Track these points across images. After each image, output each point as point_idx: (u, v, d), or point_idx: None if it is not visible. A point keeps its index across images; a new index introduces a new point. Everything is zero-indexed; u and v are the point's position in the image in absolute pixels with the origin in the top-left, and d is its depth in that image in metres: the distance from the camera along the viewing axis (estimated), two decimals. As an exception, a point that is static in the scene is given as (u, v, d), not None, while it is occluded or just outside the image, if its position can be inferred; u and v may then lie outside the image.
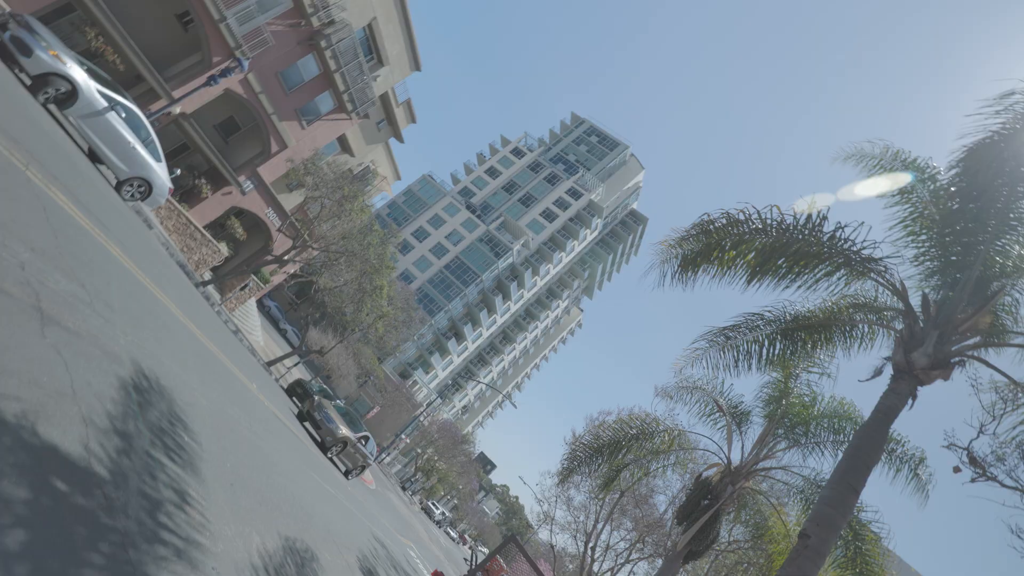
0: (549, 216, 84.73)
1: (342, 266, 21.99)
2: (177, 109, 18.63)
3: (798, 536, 6.09)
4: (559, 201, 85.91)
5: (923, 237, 8.37)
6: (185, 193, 21.65)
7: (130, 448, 3.88)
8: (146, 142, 12.26)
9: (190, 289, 15.50)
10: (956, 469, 5.34)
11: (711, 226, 7.69)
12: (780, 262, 7.80)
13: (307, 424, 18.33)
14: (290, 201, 27.02)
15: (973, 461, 5.43)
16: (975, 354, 7.13)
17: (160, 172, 12.65)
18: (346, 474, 19.04)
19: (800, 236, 7.45)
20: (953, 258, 7.71)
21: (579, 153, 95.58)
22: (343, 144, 27.95)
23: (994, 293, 7.33)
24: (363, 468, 19.81)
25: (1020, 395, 7.20)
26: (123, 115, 11.48)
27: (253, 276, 26.74)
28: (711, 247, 7.75)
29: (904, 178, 8.60)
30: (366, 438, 19.62)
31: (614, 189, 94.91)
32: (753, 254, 7.59)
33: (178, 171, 16.58)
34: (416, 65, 27.12)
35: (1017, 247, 7.33)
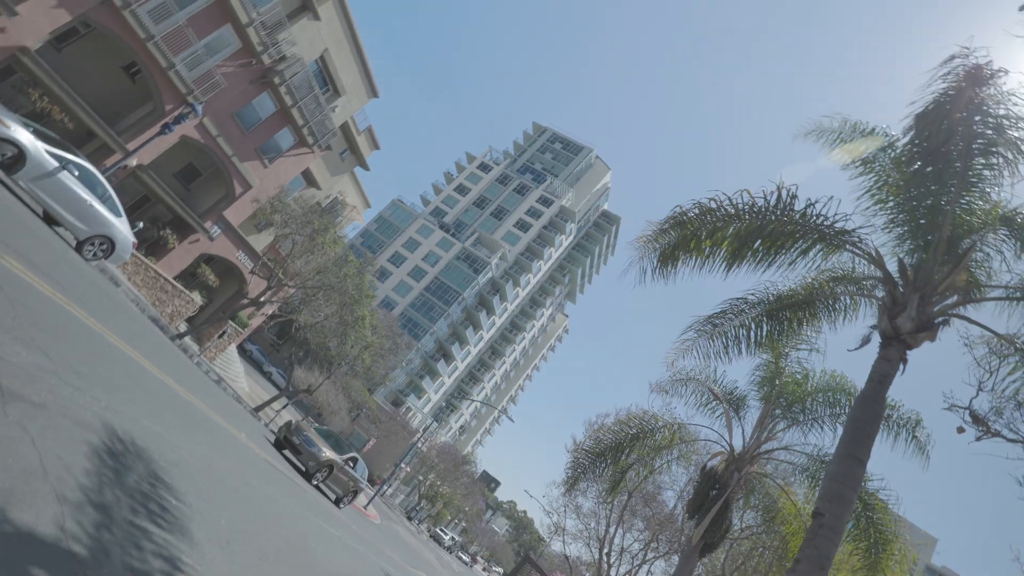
0: (523, 226, 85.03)
1: (320, 301, 21.63)
2: (133, 162, 18.24)
3: (812, 516, 6.04)
4: (531, 210, 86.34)
5: (890, 204, 8.52)
6: (151, 246, 21.14)
7: (110, 520, 3.64)
8: (103, 198, 11.91)
9: (166, 343, 15.04)
10: (960, 429, 5.36)
11: (684, 217, 7.71)
12: (757, 245, 7.85)
13: (286, 452, 16.62)
14: (260, 241, 26.60)
15: (976, 419, 5.46)
16: (957, 312, 7.23)
17: (122, 227, 12.30)
18: (337, 502, 17.78)
19: (773, 217, 7.51)
20: (922, 221, 7.84)
21: (545, 161, 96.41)
22: (308, 178, 27.68)
23: (965, 250, 7.46)
24: (355, 493, 18.59)
25: (1006, 347, 7.32)
26: (76, 173, 11.14)
27: (230, 322, 26.15)
28: (687, 238, 7.76)
29: (865, 148, 8.78)
30: (354, 460, 17.95)
31: (583, 193, 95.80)
32: (729, 240, 7.63)
33: (140, 224, 16.17)
34: (373, 92, 27.09)
35: (980, 202, 7.49)
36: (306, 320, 24.87)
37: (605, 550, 19.89)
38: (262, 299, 20.57)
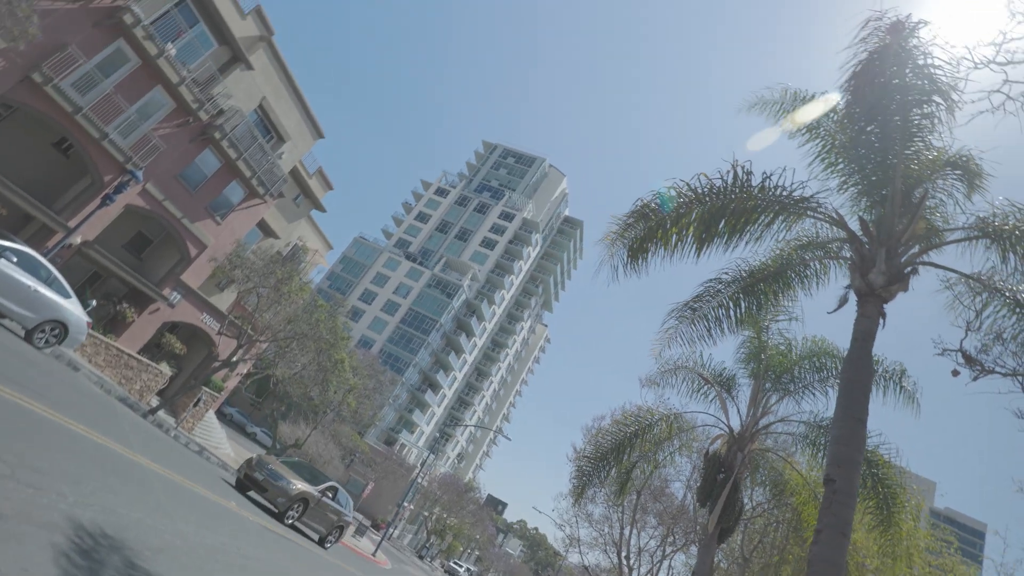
0: (489, 244, 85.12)
1: (295, 351, 21.04)
2: (77, 239, 17.51)
3: (823, 483, 5.99)
4: (494, 227, 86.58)
5: (840, 166, 8.73)
6: (109, 322, 20.26)
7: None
8: (49, 282, 11.34)
9: (138, 422, 14.32)
10: (955, 372, 5.42)
11: (647, 209, 7.71)
12: (721, 226, 7.90)
13: (252, 493, 14.67)
14: (224, 300, 25.82)
15: (968, 359, 5.53)
16: (923, 260, 7.39)
17: (73, 309, 11.71)
18: (321, 542, 15.95)
19: (733, 195, 7.57)
20: (873, 178, 8.03)
21: (500, 177, 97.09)
22: (264, 228, 27.10)
23: (920, 199, 7.66)
24: (341, 529, 16.65)
25: (974, 284, 7.51)
26: (15, 260, 10.58)
27: (205, 388, 25.17)
28: (653, 229, 7.76)
29: (808, 115, 9.00)
30: (333, 489, 15.84)
31: (543, 202, 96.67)
32: (695, 225, 7.65)
33: (93, 302, 15.50)
34: (318, 133, 26.81)
35: (925, 151, 7.72)
36: (283, 373, 24.14)
37: (623, 553, 19.61)
38: (234, 359, 19.86)
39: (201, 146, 21.20)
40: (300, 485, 14.24)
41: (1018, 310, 7.04)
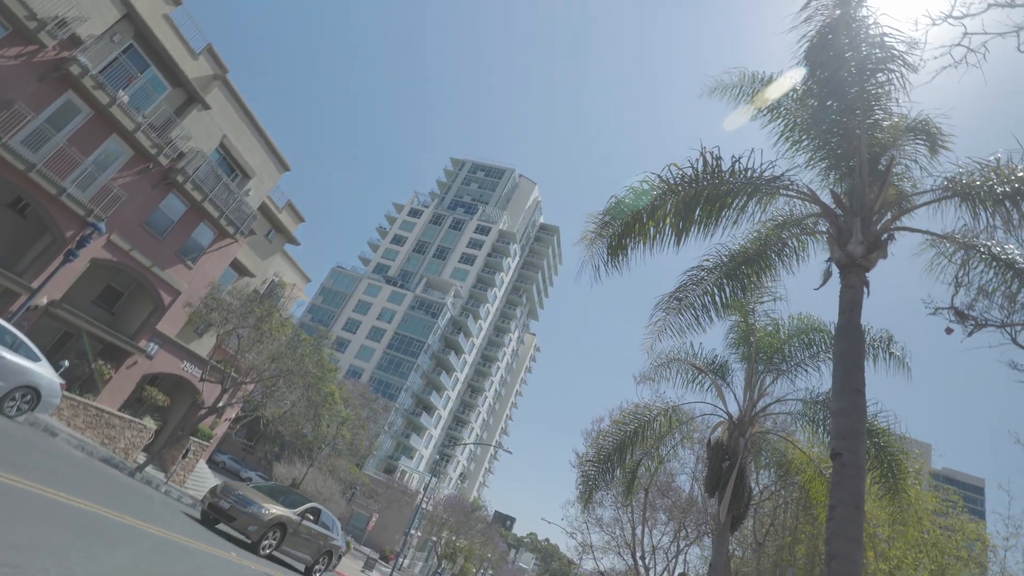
0: (468, 260, 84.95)
1: (283, 389, 20.53)
2: (43, 300, 16.92)
3: (831, 458, 5.95)
4: (472, 242, 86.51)
5: (805, 142, 8.84)
6: (85, 382, 19.56)
7: None
8: (15, 346, 10.87)
9: (124, 482, 13.76)
10: (948, 331, 5.43)
11: (622, 206, 7.69)
12: (697, 213, 7.91)
13: (221, 525, 13.24)
14: (204, 345, 25.19)
15: (960, 315, 5.55)
16: (898, 225, 7.47)
17: (44, 372, 11.23)
18: (308, 572, 14.52)
19: (705, 182, 7.59)
20: (839, 151, 8.14)
21: (472, 192, 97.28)
22: (239, 268, 26.60)
23: (886, 166, 7.77)
24: (329, 555, 15.07)
25: (949, 244, 7.61)
26: (-24, 328, 10.12)
27: (192, 438, 24.44)
28: (631, 224, 7.74)
29: (768, 95, 9.10)
30: (315, 511, 14.35)
31: (517, 212, 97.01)
32: (671, 215, 7.65)
33: (65, 363, 14.93)
34: (283, 166, 26.49)
35: (885, 119, 7.85)
36: (273, 412, 23.55)
37: (639, 555, 19.41)
38: (220, 404, 19.29)
39: (164, 191, 20.76)
40: (274, 509, 12.75)
41: (995, 264, 7.15)
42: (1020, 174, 6.11)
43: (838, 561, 5.20)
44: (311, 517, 14.13)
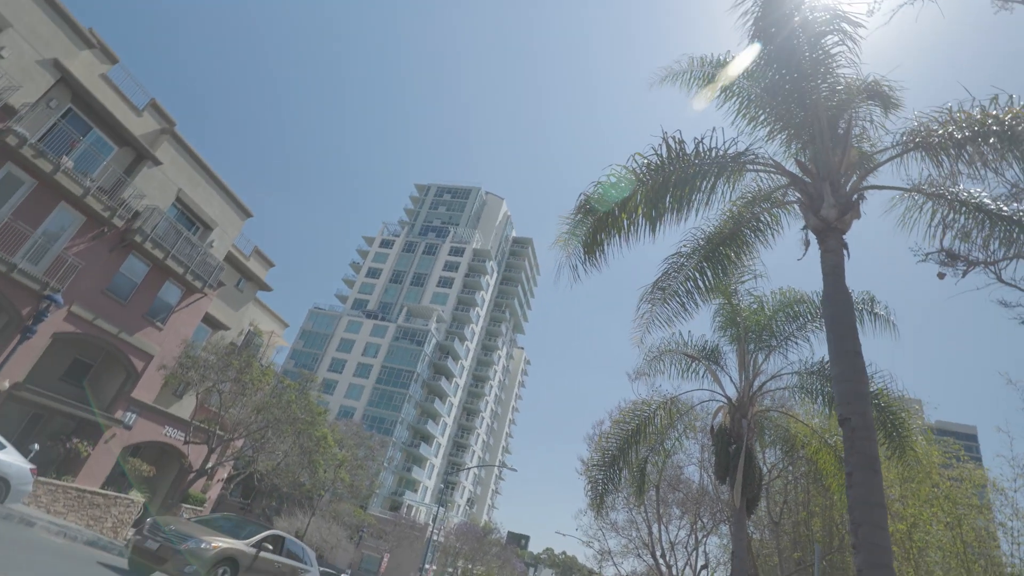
0: (446, 283, 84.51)
1: (273, 440, 19.85)
2: (5, 383, 16.07)
3: (839, 424, 5.83)
4: (447, 265, 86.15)
5: (763, 117, 8.89)
6: (62, 463, 18.60)
7: None
8: (-23, 436, 10.22)
9: (115, 562, 12.99)
10: (940, 275, 5.39)
11: (592, 202, 7.58)
12: (668, 200, 7.84)
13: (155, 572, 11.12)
14: (185, 407, 24.29)
15: (952, 256, 5.51)
16: (866, 184, 7.51)
17: (10, 459, 10.57)
18: None
19: (671, 167, 7.53)
20: (798, 120, 8.18)
21: (441, 215, 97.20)
22: (212, 322, 25.82)
23: (845, 129, 7.83)
24: None
25: (916, 197, 7.67)
26: (-68, 422, 9.48)
27: (184, 505, 23.42)
28: (603, 219, 7.62)
29: (719, 76, 9.16)
30: (276, 540, 12.32)
31: (488, 230, 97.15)
32: (642, 205, 7.56)
33: (35, 446, 14.15)
34: (245, 212, 25.96)
35: (838, 84, 7.92)
36: (266, 465, 22.76)
37: (658, 553, 19.09)
38: (209, 467, 18.54)
39: (123, 254, 20.09)
40: (218, 542, 10.62)
41: (964, 209, 7.21)
42: (977, 116, 6.17)
43: (864, 528, 5.05)
44: (270, 547, 11.89)
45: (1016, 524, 10.26)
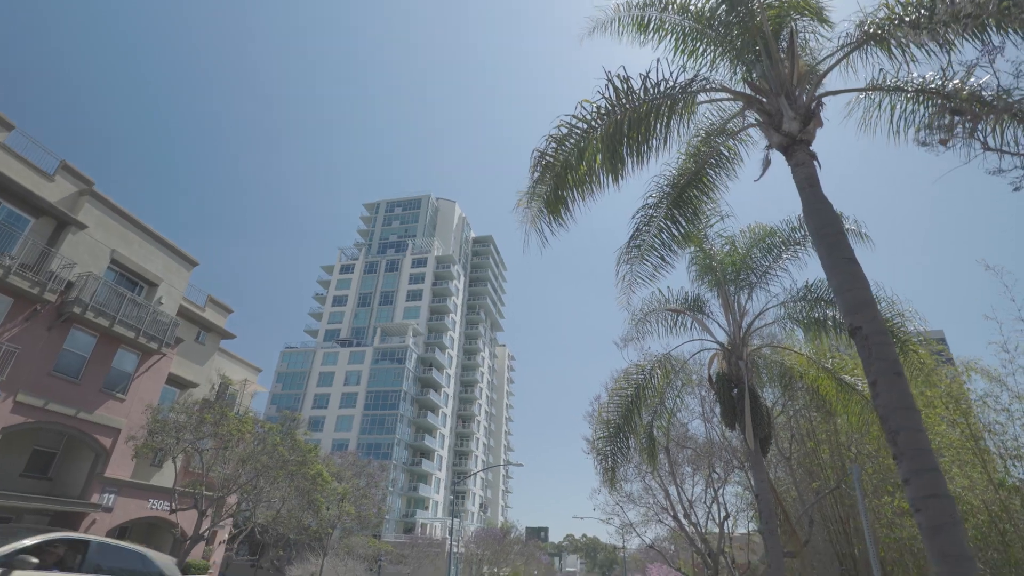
0: (415, 296, 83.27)
1: (266, 488, 18.82)
2: (-42, 492, 14.66)
3: (850, 335, 5.53)
4: (412, 277, 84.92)
5: (702, 48, 8.59)
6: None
7: None
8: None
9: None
10: (943, 141, 5.12)
11: (547, 157, 7.11)
12: (625, 145, 7.45)
13: None
14: (167, 474, 22.90)
15: (958, 111, 5.23)
16: (822, 92, 7.26)
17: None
18: None
19: (621, 108, 7.13)
20: (739, 43, 7.90)
21: (396, 230, 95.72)
22: (177, 382, 24.42)
23: (789, 40, 7.57)
24: None
25: (873, 95, 7.48)
26: None
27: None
28: (561, 174, 7.17)
29: (647, 17, 8.80)
30: (78, 546, 8.63)
31: (447, 235, 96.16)
32: (601, 152, 7.14)
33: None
34: (190, 262, 24.60)
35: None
36: (265, 516, 21.66)
37: (680, 515, 18.95)
38: (203, 532, 17.43)
39: (64, 329, 18.67)
40: None
41: (921, 98, 7.04)
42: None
43: (904, 434, 4.74)
44: (34, 561, 7.66)
45: (1018, 407, 10.35)
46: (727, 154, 9.12)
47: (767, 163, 7.52)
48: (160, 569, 9.32)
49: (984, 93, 6.23)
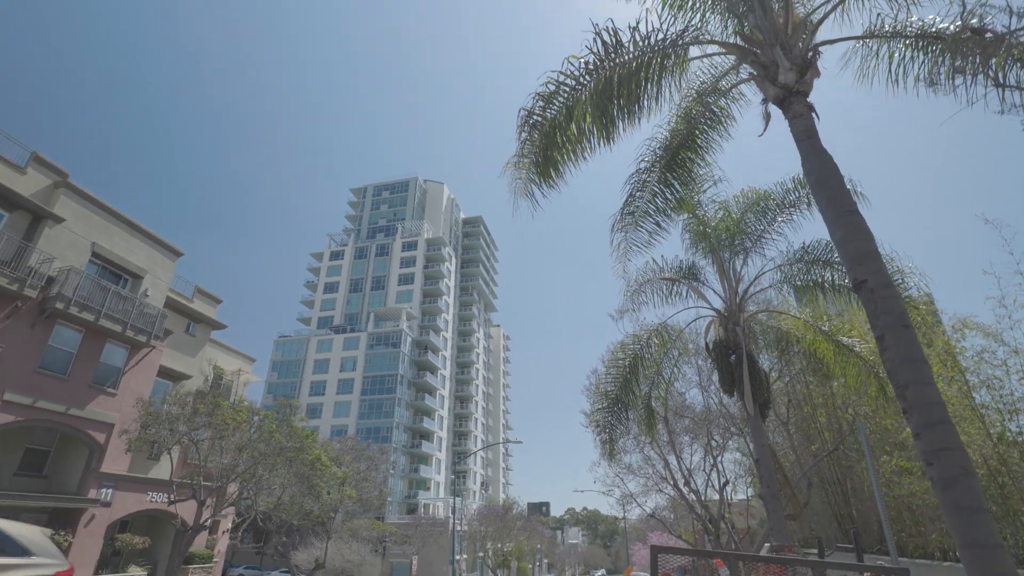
0: (407, 279, 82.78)
1: (265, 475, 18.72)
2: (-51, 493, 14.42)
3: (854, 290, 5.35)
4: (404, 261, 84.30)
5: (691, 3, 8.22)
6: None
7: None
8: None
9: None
10: (959, 69, 4.88)
11: (535, 116, 6.80)
12: (614, 102, 7.14)
13: None
14: (163, 466, 22.75)
15: (975, 31, 4.96)
16: (817, 42, 6.97)
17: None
18: None
19: (611, 64, 6.81)
20: (729, -8, 7.55)
21: (385, 214, 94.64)
22: (169, 374, 24.12)
23: (782, -13, 7.23)
24: None
25: (871, 44, 7.19)
26: None
27: (191, 566, 22.15)
28: (550, 133, 6.87)
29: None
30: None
31: (436, 217, 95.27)
32: (590, 111, 6.83)
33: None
34: (174, 253, 24.08)
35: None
36: (267, 503, 21.62)
37: (681, 484, 19.08)
38: (204, 521, 17.35)
39: (48, 325, 18.26)
40: None
41: (921, 43, 6.77)
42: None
43: (913, 388, 4.60)
44: None
45: (1016, 361, 10.33)
46: (719, 113, 8.83)
47: (767, 116, 7.24)
48: (14, 539, 7.86)
49: (987, 36, 5.97)
